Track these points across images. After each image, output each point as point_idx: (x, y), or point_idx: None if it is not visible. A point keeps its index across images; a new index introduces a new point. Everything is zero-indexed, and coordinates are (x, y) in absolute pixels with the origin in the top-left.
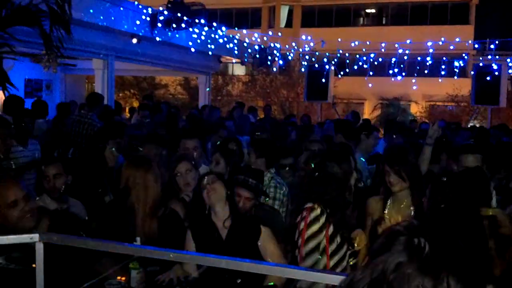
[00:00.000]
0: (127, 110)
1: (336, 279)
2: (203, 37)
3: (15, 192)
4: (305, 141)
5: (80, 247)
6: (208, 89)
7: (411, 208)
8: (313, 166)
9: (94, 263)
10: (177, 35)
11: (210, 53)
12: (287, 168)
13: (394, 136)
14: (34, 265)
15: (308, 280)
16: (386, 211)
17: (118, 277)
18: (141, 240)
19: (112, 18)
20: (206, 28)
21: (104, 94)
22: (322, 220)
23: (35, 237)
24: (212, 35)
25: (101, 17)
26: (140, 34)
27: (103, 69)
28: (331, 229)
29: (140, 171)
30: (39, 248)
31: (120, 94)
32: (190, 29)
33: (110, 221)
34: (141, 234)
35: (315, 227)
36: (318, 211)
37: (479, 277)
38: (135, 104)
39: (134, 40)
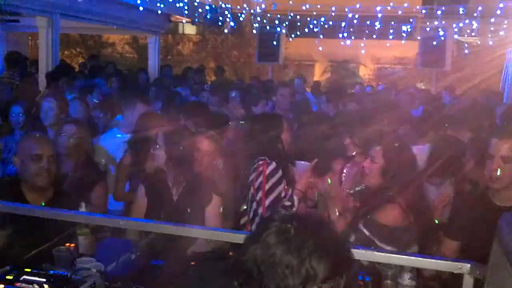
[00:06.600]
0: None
1: None
2: None
3: (42, 147)
4: None
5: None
6: None
7: None
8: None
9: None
10: None
11: (159, 12)
12: None
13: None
14: None
15: None
16: None
17: (67, 244)
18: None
19: None
20: None
21: (48, 53)
22: (279, 173)
23: None
24: None
25: None
26: None
27: (48, 27)
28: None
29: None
30: None
31: (66, 52)
32: None
33: None
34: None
35: (274, 179)
36: (274, 164)
37: (343, 258)
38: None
39: None
